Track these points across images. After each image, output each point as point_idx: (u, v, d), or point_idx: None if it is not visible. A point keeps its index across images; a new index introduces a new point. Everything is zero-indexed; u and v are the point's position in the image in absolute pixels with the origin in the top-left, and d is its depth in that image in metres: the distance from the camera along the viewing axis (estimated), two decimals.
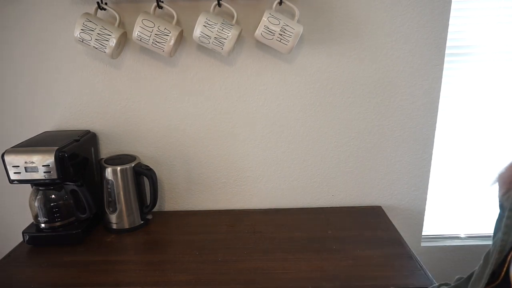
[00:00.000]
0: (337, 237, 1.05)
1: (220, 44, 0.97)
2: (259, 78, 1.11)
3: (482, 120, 1.20)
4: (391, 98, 1.12)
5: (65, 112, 1.15)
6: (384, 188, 1.22)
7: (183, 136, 1.17)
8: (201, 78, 1.11)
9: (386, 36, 1.06)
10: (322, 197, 1.24)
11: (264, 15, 0.96)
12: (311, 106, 1.13)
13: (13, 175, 0.97)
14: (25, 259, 1.00)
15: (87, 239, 1.06)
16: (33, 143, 1.02)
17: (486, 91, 1.18)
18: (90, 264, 0.96)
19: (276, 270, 0.92)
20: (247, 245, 1.03)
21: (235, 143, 1.18)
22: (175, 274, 0.91)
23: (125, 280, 0.90)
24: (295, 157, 1.19)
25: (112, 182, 1.06)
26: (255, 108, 1.14)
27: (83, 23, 0.96)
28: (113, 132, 1.17)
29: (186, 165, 1.20)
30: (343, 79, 1.11)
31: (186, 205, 1.25)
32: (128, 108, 1.14)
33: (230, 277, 0.90)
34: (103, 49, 0.98)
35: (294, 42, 0.98)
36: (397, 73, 1.10)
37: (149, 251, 1.03)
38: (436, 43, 1.07)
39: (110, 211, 1.09)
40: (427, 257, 1.29)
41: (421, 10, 1.04)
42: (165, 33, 0.97)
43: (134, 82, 1.11)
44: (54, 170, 0.97)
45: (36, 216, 1.03)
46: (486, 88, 1.17)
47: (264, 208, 1.24)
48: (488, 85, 1.17)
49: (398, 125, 1.15)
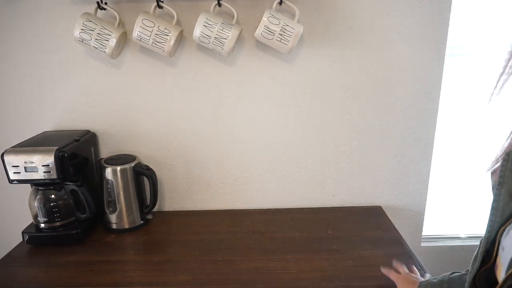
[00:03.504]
0: (337, 237, 1.05)
1: (220, 44, 0.97)
2: (259, 78, 1.11)
3: (482, 120, 1.20)
4: (391, 98, 1.12)
5: (65, 112, 1.15)
6: (384, 188, 1.22)
7: (183, 136, 1.17)
8: (201, 78, 1.11)
9: (386, 36, 1.06)
10: (322, 197, 1.23)
11: (264, 15, 0.96)
12: (311, 106, 1.13)
13: (13, 175, 0.97)
14: (25, 259, 1.00)
15: (87, 239, 1.06)
16: (33, 143, 1.02)
17: (486, 91, 1.18)
18: (90, 264, 0.96)
19: (276, 270, 0.92)
20: (247, 245, 1.03)
21: (235, 143, 1.18)
22: (175, 274, 0.91)
23: (125, 280, 0.90)
24: (295, 157, 1.19)
25: (112, 182, 1.06)
26: (255, 108, 1.14)
27: (83, 23, 0.96)
28: (113, 132, 1.17)
29: (186, 165, 1.20)
30: (343, 79, 1.11)
31: (186, 205, 1.24)
32: (128, 108, 1.14)
33: (230, 277, 0.90)
34: (103, 49, 0.98)
35: (294, 42, 0.98)
36: (397, 73, 1.10)
37: (149, 251, 1.03)
38: (436, 43, 1.07)
39: (110, 211, 1.08)
40: (427, 257, 1.29)
41: (421, 10, 1.04)
42: (165, 33, 0.97)
43: (134, 82, 1.11)
44: (54, 170, 0.97)
45: (36, 216, 1.03)
46: (486, 88, 1.17)
47: (264, 208, 1.24)
48: (488, 85, 1.17)
49: (398, 125, 1.15)
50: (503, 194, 0.43)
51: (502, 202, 0.43)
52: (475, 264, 0.47)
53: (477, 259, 0.46)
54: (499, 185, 0.44)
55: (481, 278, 0.47)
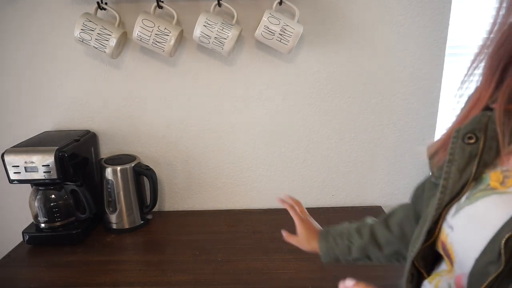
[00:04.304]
0: None
1: (220, 44, 0.97)
2: (259, 78, 1.11)
3: None
4: (391, 98, 1.12)
5: (65, 112, 1.15)
6: (384, 188, 1.22)
7: (183, 136, 1.17)
8: (201, 78, 1.11)
9: (386, 36, 1.06)
10: (322, 197, 1.23)
11: (264, 15, 0.96)
12: (311, 106, 1.13)
13: (13, 175, 0.97)
14: (25, 259, 1.00)
15: (87, 239, 1.06)
16: (33, 143, 1.02)
17: None
18: (90, 264, 0.96)
19: (276, 270, 0.92)
20: (247, 245, 1.03)
21: (235, 143, 1.18)
22: (175, 274, 0.91)
23: (125, 280, 0.90)
24: (295, 157, 1.19)
25: (112, 182, 1.06)
26: (255, 108, 1.14)
27: (83, 23, 0.96)
28: (113, 132, 1.17)
29: (186, 165, 1.20)
30: (343, 79, 1.11)
31: (186, 205, 1.25)
32: (128, 108, 1.14)
33: (230, 277, 0.90)
34: (103, 49, 0.98)
35: (294, 42, 0.98)
36: (397, 73, 1.10)
37: (149, 251, 1.03)
38: (436, 43, 1.07)
39: (110, 211, 1.08)
40: None
41: (421, 10, 1.04)
42: (165, 33, 0.97)
43: (134, 82, 1.11)
44: (54, 170, 0.97)
45: (36, 216, 1.03)
46: None
47: (264, 208, 1.24)
48: None
49: (398, 125, 1.15)
50: (453, 172, 0.43)
51: (451, 180, 0.43)
52: (418, 243, 0.47)
53: (419, 238, 0.46)
54: (449, 163, 0.43)
55: (419, 256, 0.47)
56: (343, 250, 0.71)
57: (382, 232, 0.68)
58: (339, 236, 0.73)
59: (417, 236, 0.48)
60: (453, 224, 0.42)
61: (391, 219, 0.68)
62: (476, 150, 0.42)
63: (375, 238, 0.69)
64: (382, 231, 0.68)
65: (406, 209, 0.67)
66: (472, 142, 0.42)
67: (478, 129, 0.42)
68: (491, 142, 0.41)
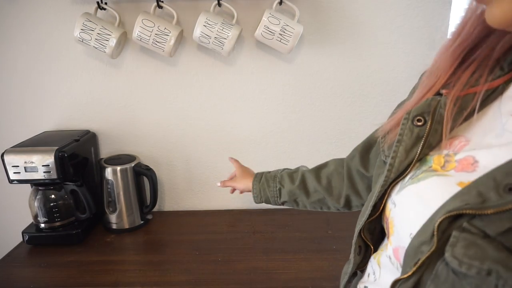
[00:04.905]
0: (337, 237, 1.05)
1: (220, 44, 0.97)
2: (259, 78, 1.11)
3: None
4: (391, 98, 1.12)
5: (65, 112, 1.15)
6: None
7: (183, 136, 1.17)
8: (201, 78, 1.11)
9: (386, 36, 1.06)
10: None
11: (264, 15, 0.96)
12: (311, 106, 1.13)
13: (13, 175, 0.97)
14: (25, 259, 1.00)
15: (87, 239, 1.06)
16: (33, 143, 1.02)
17: None
18: (90, 264, 0.96)
19: (276, 270, 0.92)
20: (247, 245, 1.03)
21: (235, 143, 1.17)
22: (175, 274, 0.91)
23: (125, 280, 0.89)
24: (295, 157, 1.19)
25: (112, 182, 1.06)
26: (255, 108, 1.14)
27: (83, 23, 0.96)
28: (113, 132, 1.17)
29: (186, 165, 1.20)
30: (343, 79, 1.11)
31: (186, 205, 1.24)
32: (128, 108, 1.14)
33: (230, 277, 0.90)
34: (103, 49, 0.98)
35: (294, 42, 0.98)
36: (397, 73, 1.10)
37: (149, 251, 1.03)
38: (436, 43, 1.07)
39: (110, 211, 1.08)
40: None
41: (421, 10, 1.04)
42: (165, 33, 0.97)
43: (134, 82, 1.11)
44: (54, 170, 0.97)
45: (36, 216, 1.03)
46: None
47: (264, 208, 1.24)
48: None
49: None
50: (400, 152, 0.44)
51: (398, 159, 0.44)
52: (364, 217, 0.50)
53: (366, 211, 0.49)
54: (397, 142, 0.45)
55: (365, 228, 0.51)
56: (273, 192, 0.78)
57: (311, 181, 0.73)
58: (272, 179, 0.79)
59: (364, 209, 0.51)
60: (396, 201, 0.44)
61: (322, 170, 0.74)
62: (423, 132, 0.43)
63: (305, 185, 0.74)
64: (312, 180, 0.73)
65: (338, 164, 0.73)
66: (420, 125, 0.44)
67: (427, 112, 0.43)
68: (437, 126, 0.43)
